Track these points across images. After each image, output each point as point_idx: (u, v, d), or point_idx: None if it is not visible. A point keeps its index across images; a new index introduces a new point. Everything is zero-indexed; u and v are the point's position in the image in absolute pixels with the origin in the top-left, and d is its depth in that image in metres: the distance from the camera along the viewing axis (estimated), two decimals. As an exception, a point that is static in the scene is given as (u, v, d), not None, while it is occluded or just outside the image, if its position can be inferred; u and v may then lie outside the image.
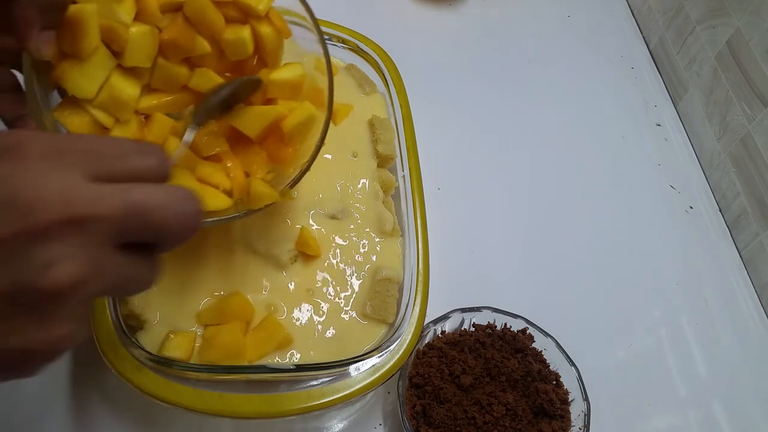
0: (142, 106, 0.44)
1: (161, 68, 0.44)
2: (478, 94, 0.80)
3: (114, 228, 0.26)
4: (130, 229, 0.27)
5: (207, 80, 0.45)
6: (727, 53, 0.74)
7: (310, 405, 0.46)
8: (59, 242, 0.25)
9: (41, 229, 0.24)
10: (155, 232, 0.28)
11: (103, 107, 0.42)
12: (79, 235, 0.25)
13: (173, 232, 0.29)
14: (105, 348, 0.45)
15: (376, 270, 0.53)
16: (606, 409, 0.56)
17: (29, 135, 0.26)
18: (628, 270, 0.68)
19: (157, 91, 0.45)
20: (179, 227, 0.29)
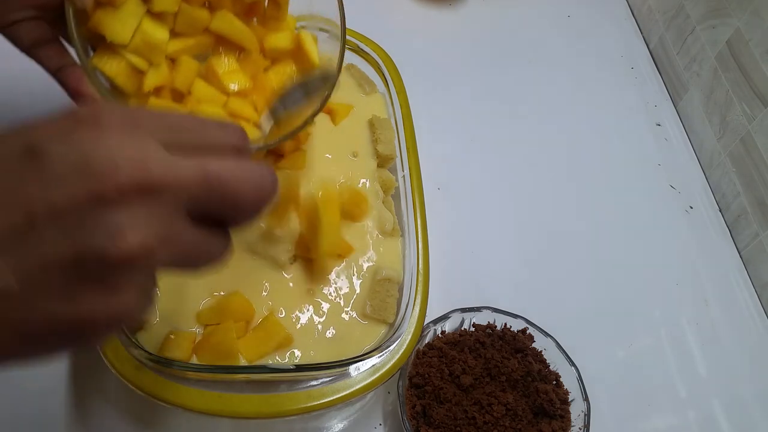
0: (170, 50, 0.47)
1: (184, 12, 0.46)
2: (478, 94, 0.80)
3: (189, 198, 0.26)
4: (205, 200, 0.26)
5: (226, 22, 0.48)
6: (727, 53, 0.74)
7: (310, 405, 0.46)
8: (131, 209, 0.24)
9: (114, 194, 0.23)
10: (231, 204, 0.28)
11: (137, 51, 0.44)
12: (152, 202, 0.24)
13: (248, 205, 0.28)
14: (105, 348, 0.45)
15: (376, 270, 0.53)
16: (606, 409, 0.56)
17: (107, 107, 0.25)
18: (628, 270, 0.68)
19: (181, 35, 0.47)
20: (255, 200, 0.28)
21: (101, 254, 0.23)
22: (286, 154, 0.57)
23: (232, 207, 0.28)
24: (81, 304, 0.24)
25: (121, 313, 0.25)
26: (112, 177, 0.24)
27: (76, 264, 0.23)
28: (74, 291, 0.24)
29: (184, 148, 0.26)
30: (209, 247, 0.29)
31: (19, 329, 0.23)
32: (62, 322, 0.24)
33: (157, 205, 0.25)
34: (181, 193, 0.25)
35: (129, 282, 0.24)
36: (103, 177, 0.23)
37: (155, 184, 0.24)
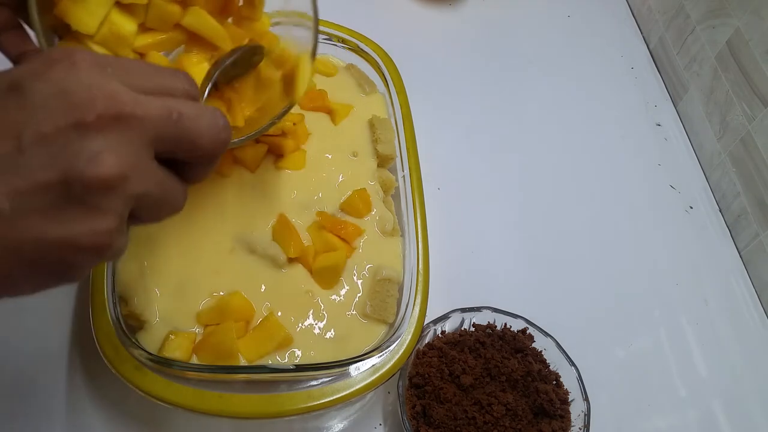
0: (138, 45, 0.46)
1: (155, 6, 0.45)
2: (478, 94, 0.80)
3: (154, 131, 0.28)
4: (168, 138, 0.29)
5: (198, 19, 0.47)
6: (727, 53, 0.74)
7: (310, 405, 0.46)
8: (106, 136, 0.26)
9: (91, 122, 0.26)
10: (190, 140, 0.30)
11: (103, 43, 0.43)
12: (124, 131, 0.27)
13: (206, 142, 0.31)
14: (105, 348, 0.45)
15: (376, 270, 0.53)
16: (606, 409, 0.56)
17: (78, 49, 0.28)
18: (628, 270, 0.68)
19: (151, 30, 0.46)
20: (211, 138, 0.31)
21: (82, 176, 0.26)
22: (286, 154, 0.57)
23: (191, 145, 0.30)
24: (67, 224, 0.26)
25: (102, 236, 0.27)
26: (90, 106, 0.26)
27: (61, 186, 0.26)
28: (60, 212, 0.26)
29: (144, 89, 0.29)
30: (172, 188, 0.31)
31: (12, 248, 0.25)
32: (51, 242, 0.26)
33: (129, 135, 0.27)
34: (149, 126, 0.28)
35: (107, 206, 0.27)
36: (82, 106, 0.26)
37: (127, 114, 0.27)
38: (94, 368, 0.52)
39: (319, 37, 0.66)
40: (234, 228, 0.53)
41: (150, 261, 0.50)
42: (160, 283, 0.49)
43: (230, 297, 0.49)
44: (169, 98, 0.30)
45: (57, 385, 0.51)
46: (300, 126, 0.59)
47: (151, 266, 0.50)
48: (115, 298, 0.47)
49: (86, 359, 0.52)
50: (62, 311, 0.54)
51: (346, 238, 0.53)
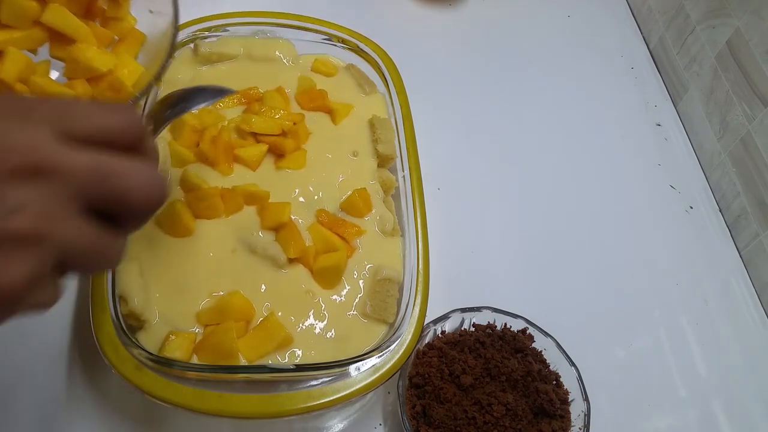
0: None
1: (10, 2, 0.44)
2: (478, 94, 0.80)
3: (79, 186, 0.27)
4: (95, 194, 0.27)
5: (58, 15, 0.46)
6: (727, 53, 0.74)
7: (310, 405, 0.46)
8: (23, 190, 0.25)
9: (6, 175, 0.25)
10: (118, 199, 0.28)
11: None
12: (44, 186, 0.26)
13: (135, 201, 0.29)
14: (105, 348, 0.45)
15: (376, 270, 0.53)
16: (606, 409, 0.56)
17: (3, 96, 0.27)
18: (628, 270, 0.68)
19: (8, 27, 0.45)
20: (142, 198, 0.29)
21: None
22: (286, 154, 0.57)
23: (120, 203, 0.29)
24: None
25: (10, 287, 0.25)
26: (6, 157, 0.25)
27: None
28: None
29: (77, 138, 0.27)
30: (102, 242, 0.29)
31: None
32: None
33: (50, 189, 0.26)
34: (72, 181, 0.27)
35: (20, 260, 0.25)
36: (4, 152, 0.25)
37: (47, 166, 0.26)
38: (94, 368, 0.52)
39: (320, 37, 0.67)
40: (235, 228, 0.53)
41: (150, 261, 0.50)
42: (160, 283, 0.49)
43: (230, 297, 0.49)
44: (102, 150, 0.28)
45: (57, 385, 0.51)
46: (300, 126, 0.59)
47: (152, 266, 0.50)
48: (115, 298, 0.47)
49: (86, 359, 0.52)
50: (62, 311, 0.54)
51: (346, 237, 0.54)
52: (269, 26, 0.66)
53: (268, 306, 0.50)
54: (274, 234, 0.53)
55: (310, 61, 0.65)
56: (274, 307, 0.50)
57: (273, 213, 0.53)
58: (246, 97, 0.60)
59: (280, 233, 0.53)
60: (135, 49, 0.51)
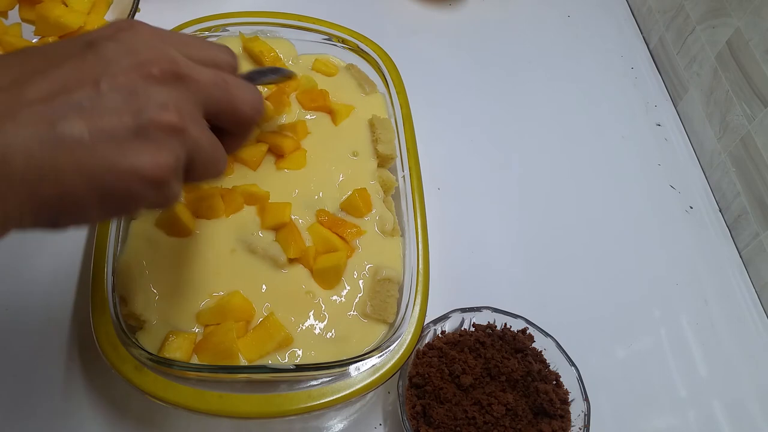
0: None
1: None
2: (479, 94, 0.80)
3: (205, 93, 0.33)
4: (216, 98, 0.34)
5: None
6: (727, 53, 0.74)
7: (310, 405, 0.46)
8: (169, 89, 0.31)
9: (156, 76, 0.31)
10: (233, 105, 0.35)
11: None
12: (182, 89, 0.32)
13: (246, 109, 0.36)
14: (105, 348, 0.45)
15: (376, 270, 0.53)
16: (606, 409, 0.56)
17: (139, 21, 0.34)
18: (627, 270, 0.68)
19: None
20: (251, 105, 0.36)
21: (153, 118, 0.30)
22: (286, 153, 0.57)
23: (234, 110, 0.35)
24: (135, 155, 0.30)
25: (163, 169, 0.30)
26: (155, 63, 0.31)
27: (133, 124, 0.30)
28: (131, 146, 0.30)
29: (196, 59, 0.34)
30: (218, 148, 0.35)
31: (87, 174, 0.29)
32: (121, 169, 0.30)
33: (186, 93, 0.32)
34: (202, 89, 0.33)
35: (170, 147, 0.31)
36: (148, 63, 0.31)
37: (184, 75, 0.32)
38: (94, 368, 0.52)
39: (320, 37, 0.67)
40: (235, 228, 0.53)
41: (150, 261, 0.50)
42: (160, 283, 0.49)
43: (230, 297, 0.49)
44: (217, 69, 0.35)
45: (57, 386, 0.51)
46: (300, 125, 0.59)
47: (152, 266, 0.50)
48: (115, 298, 0.47)
49: (86, 359, 0.52)
50: (62, 311, 0.54)
51: (346, 237, 0.54)
52: (269, 26, 0.66)
53: (268, 306, 0.50)
54: (274, 234, 0.53)
55: (310, 61, 0.65)
56: (274, 307, 0.50)
57: (273, 213, 0.53)
58: None
59: (280, 233, 0.53)
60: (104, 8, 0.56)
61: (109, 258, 0.49)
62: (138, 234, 0.51)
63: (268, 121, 0.57)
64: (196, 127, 0.32)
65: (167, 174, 0.31)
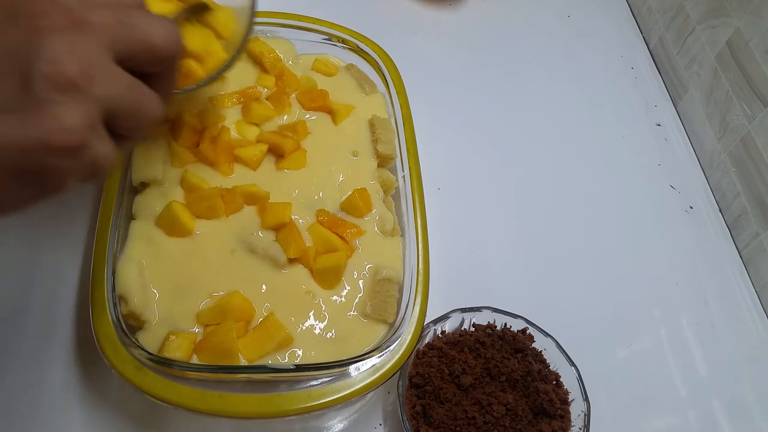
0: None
1: None
2: (478, 94, 0.80)
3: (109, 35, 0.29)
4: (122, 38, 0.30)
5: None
6: (727, 53, 0.74)
7: (310, 405, 0.46)
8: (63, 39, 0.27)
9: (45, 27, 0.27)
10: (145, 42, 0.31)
11: None
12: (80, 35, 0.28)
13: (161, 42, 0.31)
14: (105, 348, 0.45)
15: (376, 270, 0.53)
16: (606, 409, 0.56)
17: None
18: (628, 270, 0.68)
19: None
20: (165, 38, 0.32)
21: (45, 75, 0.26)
22: (286, 154, 0.57)
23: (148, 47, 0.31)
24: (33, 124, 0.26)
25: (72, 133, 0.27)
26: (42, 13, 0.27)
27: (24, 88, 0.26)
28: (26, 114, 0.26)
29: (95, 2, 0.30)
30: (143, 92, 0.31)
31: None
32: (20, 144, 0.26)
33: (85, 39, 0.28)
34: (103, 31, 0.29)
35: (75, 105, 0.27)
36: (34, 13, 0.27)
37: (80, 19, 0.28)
38: (94, 368, 0.52)
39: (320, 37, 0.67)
40: (235, 228, 0.53)
41: (150, 261, 0.50)
42: (160, 282, 0.49)
43: (230, 297, 0.49)
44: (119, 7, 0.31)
45: (57, 385, 0.51)
46: (300, 125, 0.59)
47: (151, 266, 0.50)
48: (115, 298, 0.47)
49: (86, 359, 0.52)
50: (62, 311, 0.54)
51: (346, 237, 0.54)
52: (269, 26, 0.66)
53: (268, 306, 0.50)
54: (274, 234, 0.53)
55: (310, 61, 0.65)
56: (274, 308, 0.50)
57: (273, 213, 0.53)
58: (244, 96, 0.60)
59: (280, 233, 0.53)
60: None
61: (109, 258, 0.49)
62: (138, 234, 0.51)
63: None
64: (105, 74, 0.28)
65: (79, 137, 0.27)
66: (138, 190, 0.54)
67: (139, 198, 0.53)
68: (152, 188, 0.54)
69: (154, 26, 0.31)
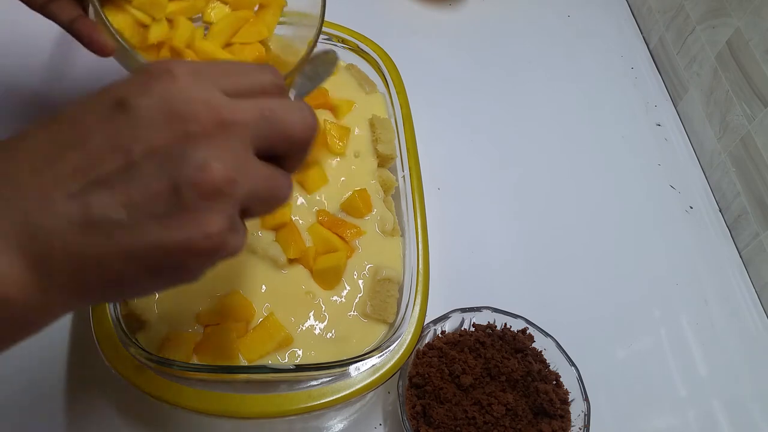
0: (169, 10, 0.51)
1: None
2: (478, 94, 0.80)
3: (252, 131, 0.30)
4: (264, 133, 0.31)
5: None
6: (727, 53, 0.74)
7: (310, 405, 0.46)
8: (210, 144, 0.28)
9: (195, 133, 0.28)
10: (284, 134, 0.32)
11: (141, 8, 0.50)
12: (226, 137, 0.28)
13: (298, 132, 0.32)
14: (105, 348, 0.45)
15: (376, 270, 0.53)
16: (606, 409, 0.56)
17: (174, 61, 0.30)
18: (628, 270, 0.68)
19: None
20: (302, 127, 0.32)
21: (193, 183, 0.27)
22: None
23: (286, 137, 0.32)
24: (179, 229, 0.27)
25: (214, 239, 0.28)
26: (193, 117, 0.28)
27: (172, 194, 0.27)
28: (174, 219, 0.27)
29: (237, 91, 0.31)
30: (277, 181, 0.32)
31: (132, 256, 0.27)
32: (168, 247, 0.27)
33: (230, 140, 0.29)
34: (246, 129, 0.30)
35: (219, 210, 0.28)
36: (186, 118, 0.28)
37: (227, 121, 0.29)
38: (94, 368, 0.52)
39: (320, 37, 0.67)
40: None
41: (150, 261, 0.50)
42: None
43: (230, 297, 0.49)
44: (261, 97, 0.32)
45: (57, 385, 0.51)
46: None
47: (151, 266, 0.50)
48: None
49: (86, 359, 0.52)
50: (62, 311, 0.54)
51: (346, 238, 0.54)
52: None
53: (268, 306, 0.50)
54: (274, 234, 0.53)
55: (310, 61, 0.65)
56: (274, 308, 0.50)
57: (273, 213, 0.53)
58: None
59: (280, 233, 0.52)
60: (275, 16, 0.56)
61: (109, 258, 0.49)
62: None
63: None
64: (247, 174, 0.29)
65: (219, 242, 0.28)
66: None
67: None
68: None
69: (293, 117, 0.32)
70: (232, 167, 0.28)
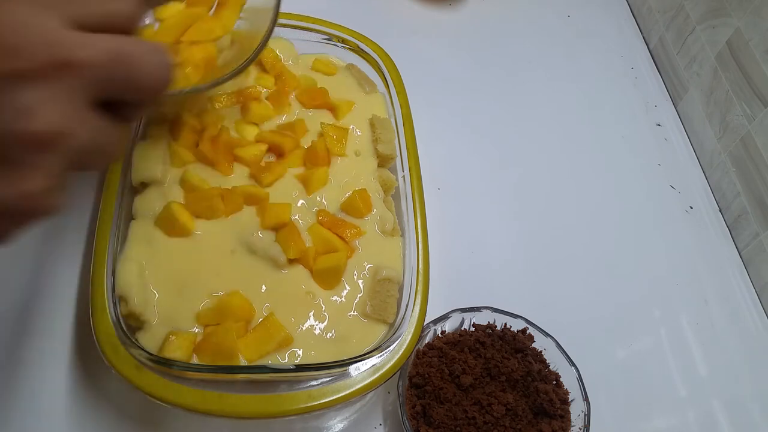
0: None
1: None
2: (478, 94, 0.80)
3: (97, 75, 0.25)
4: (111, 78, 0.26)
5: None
6: (727, 53, 0.74)
7: (310, 405, 0.46)
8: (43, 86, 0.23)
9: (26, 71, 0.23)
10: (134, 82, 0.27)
11: None
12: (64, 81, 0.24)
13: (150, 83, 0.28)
14: (105, 348, 0.45)
15: (376, 270, 0.53)
16: (606, 409, 0.56)
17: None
18: (628, 270, 0.68)
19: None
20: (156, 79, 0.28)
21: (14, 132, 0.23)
22: (286, 153, 0.57)
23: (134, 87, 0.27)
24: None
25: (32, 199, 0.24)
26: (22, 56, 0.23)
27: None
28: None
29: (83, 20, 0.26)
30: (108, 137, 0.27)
31: None
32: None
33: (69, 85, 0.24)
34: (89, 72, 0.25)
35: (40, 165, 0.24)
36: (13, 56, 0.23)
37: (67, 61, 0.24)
38: (94, 368, 0.52)
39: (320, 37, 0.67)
40: (235, 228, 0.53)
41: (150, 261, 0.50)
42: (159, 283, 0.49)
43: (230, 297, 0.49)
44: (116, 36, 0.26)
45: (57, 385, 0.51)
46: (299, 124, 0.59)
47: (151, 266, 0.50)
48: (115, 298, 0.47)
49: (86, 359, 0.52)
50: (62, 311, 0.54)
51: (346, 238, 0.54)
52: None
53: (268, 306, 0.50)
54: (274, 234, 0.53)
55: (310, 60, 0.65)
56: (274, 308, 0.50)
57: (273, 213, 0.53)
58: (244, 96, 0.60)
59: (280, 233, 0.53)
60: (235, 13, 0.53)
61: (109, 258, 0.49)
62: (138, 234, 0.51)
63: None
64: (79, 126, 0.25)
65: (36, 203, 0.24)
66: (138, 191, 0.54)
67: (138, 198, 0.53)
68: (152, 188, 0.54)
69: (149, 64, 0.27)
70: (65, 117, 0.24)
